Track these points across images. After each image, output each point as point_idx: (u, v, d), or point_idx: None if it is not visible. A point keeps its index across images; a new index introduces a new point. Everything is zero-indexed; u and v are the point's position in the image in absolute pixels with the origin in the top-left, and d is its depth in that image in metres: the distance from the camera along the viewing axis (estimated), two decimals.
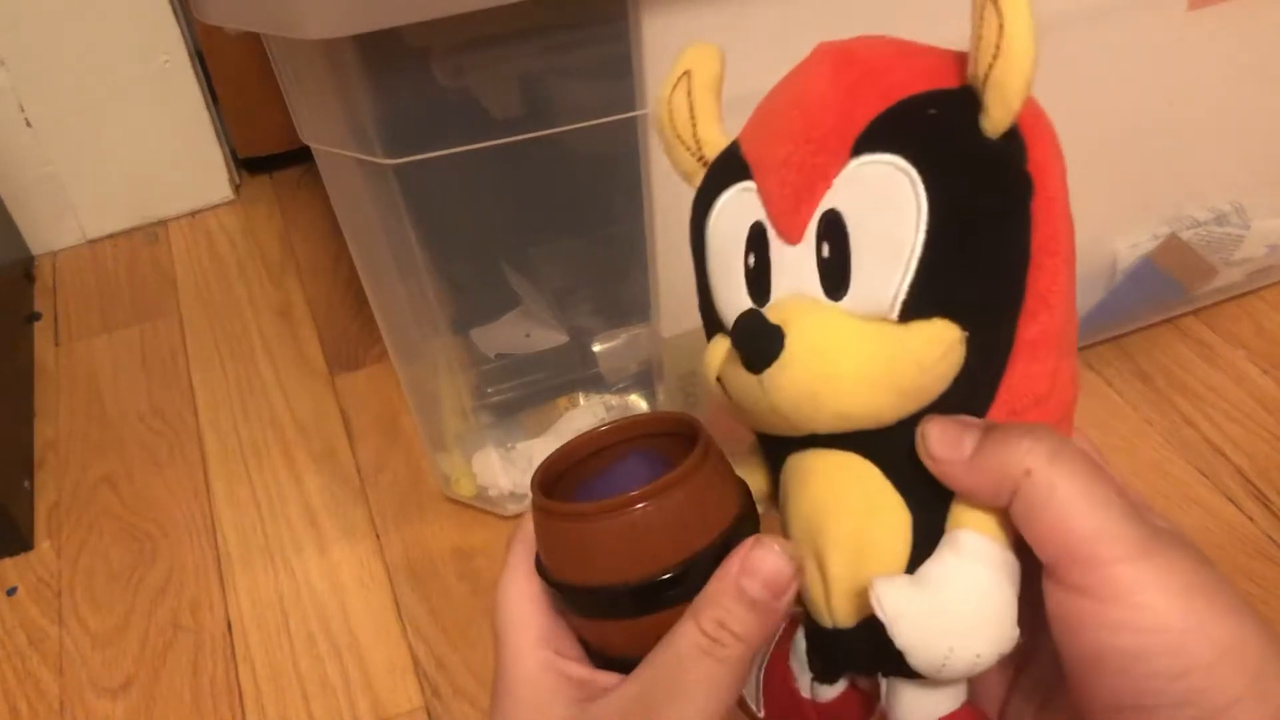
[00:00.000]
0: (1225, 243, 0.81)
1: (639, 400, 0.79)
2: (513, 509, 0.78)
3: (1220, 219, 0.79)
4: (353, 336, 0.99)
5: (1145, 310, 0.86)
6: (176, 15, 1.07)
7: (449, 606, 0.74)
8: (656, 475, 0.29)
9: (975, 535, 0.26)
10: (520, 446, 0.78)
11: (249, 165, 1.23)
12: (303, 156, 1.19)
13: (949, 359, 0.25)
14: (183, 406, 0.93)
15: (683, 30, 0.54)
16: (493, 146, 0.57)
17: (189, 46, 1.10)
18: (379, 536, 0.80)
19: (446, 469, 0.79)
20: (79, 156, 1.11)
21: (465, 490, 0.79)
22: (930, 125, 0.25)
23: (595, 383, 0.79)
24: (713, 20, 0.54)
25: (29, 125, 1.07)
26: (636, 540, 0.28)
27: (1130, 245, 0.78)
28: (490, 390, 0.79)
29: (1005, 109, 0.25)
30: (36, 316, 1.06)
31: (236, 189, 1.21)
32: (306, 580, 0.77)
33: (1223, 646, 0.23)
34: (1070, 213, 0.27)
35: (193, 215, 1.18)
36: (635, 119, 0.58)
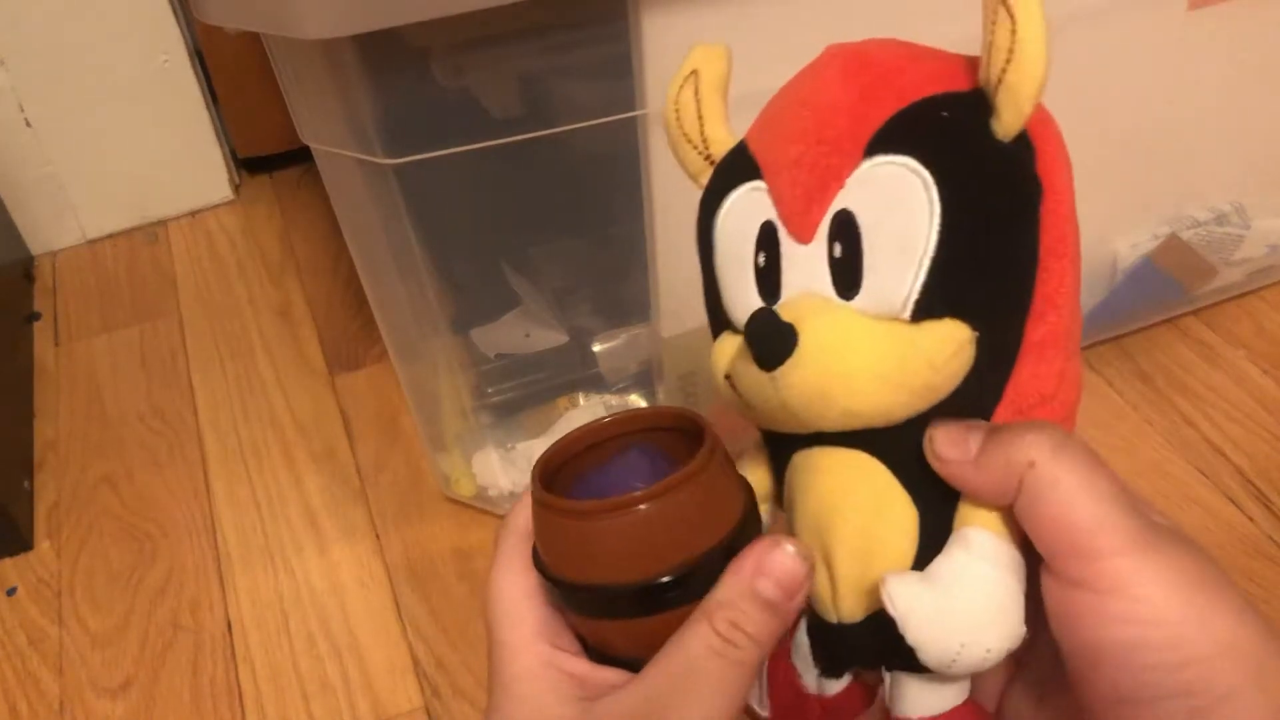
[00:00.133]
0: (1225, 243, 0.81)
1: (639, 400, 0.79)
2: None
3: (1220, 219, 0.79)
4: (353, 336, 0.99)
5: (1145, 310, 0.86)
6: (176, 15, 1.07)
7: (449, 606, 0.74)
8: (658, 471, 0.29)
9: (984, 533, 0.26)
10: (520, 446, 0.77)
11: (249, 165, 1.23)
12: (303, 156, 1.19)
13: (959, 358, 0.26)
14: (182, 406, 0.93)
15: (683, 30, 0.54)
16: (493, 146, 0.57)
17: (189, 46, 1.10)
18: (379, 536, 0.80)
19: (446, 469, 0.79)
20: (79, 156, 1.11)
21: (465, 490, 0.78)
22: (943, 128, 0.26)
23: (595, 383, 0.79)
24: (713, 20, 0.54)
25: (29, 125, 1.07)
26: (639, 540, 0.27)
27: (1130, 245, 0.78)
28: (490, 390, 0.79)
29: (1017, 112, 0.25)
30: (36, 316, 1.06)
31: (236, 189, 1.20)
32: (306, 580, 0.77)
33: (1222, 640, 0.23)
34: (1076, 215, 0.27)
35: (193, 215, 1.18)
36: (635, 119, 0.58)
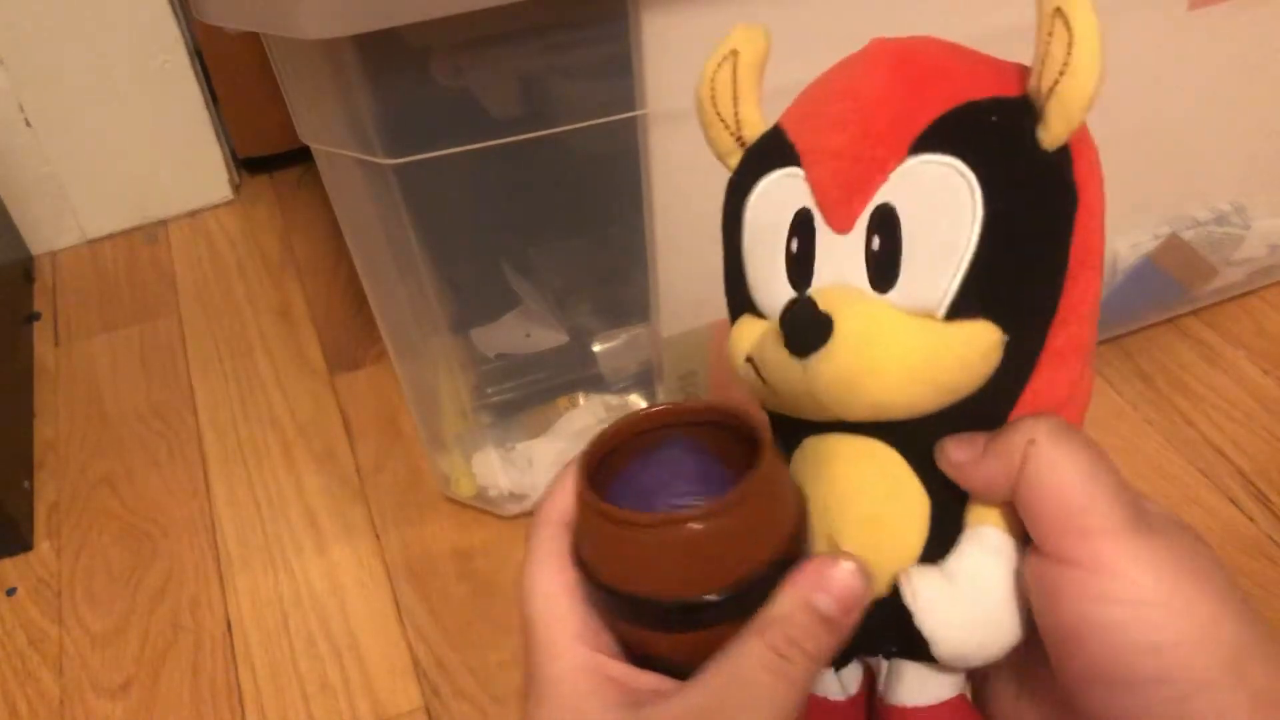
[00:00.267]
0: (1225, 243, 0.81)
1: (639, 400, 0.79)
2: (512, 509, 0.78)
3: (1220, 219, 0.79)
4: (353, 336, 0.99)
5: (1145, 310, 0.86)
6: (176, 15, 1.07)
7: (449, 606, 0.74)
8: (704, 471, 0.28)
9: (998, 532, 0.27)
10: (520, 447, 0.77)
11: (249, 165, 1.23)
12: (303, 156, 1.19)
13: (989, 359, 0.26)
14: (182, 406, 0.93)
15: (683, 30, 0.54)
16: (492, 146, 0.57)
17: (188, 46, 1.10)
18: (379, 536, 0.80)
19: (446, 469, 0.79)
20: (79, 156, 1.11)
21: (465, 490, 0.78)
22: (991, 132, 0.26)
23: (595, 383, 0.79)
24: (713, 20, 0.54)
25: (29, 125, 1.07)
26: (695, 557, 0.26)
27: (1131, 245, 0.78)
28: (490, 390, 0.79)
29: (1067, 123, 0.25)
30: (36, 316, 1.06)
31: (236, 189, 1.20)
32: (306, 580, 0.77)
33: (1202, 626, 0.23)
34: (1104, 225, 0.27)
35: (192, 215, 1.18)
36: (635, 119, 0.58)
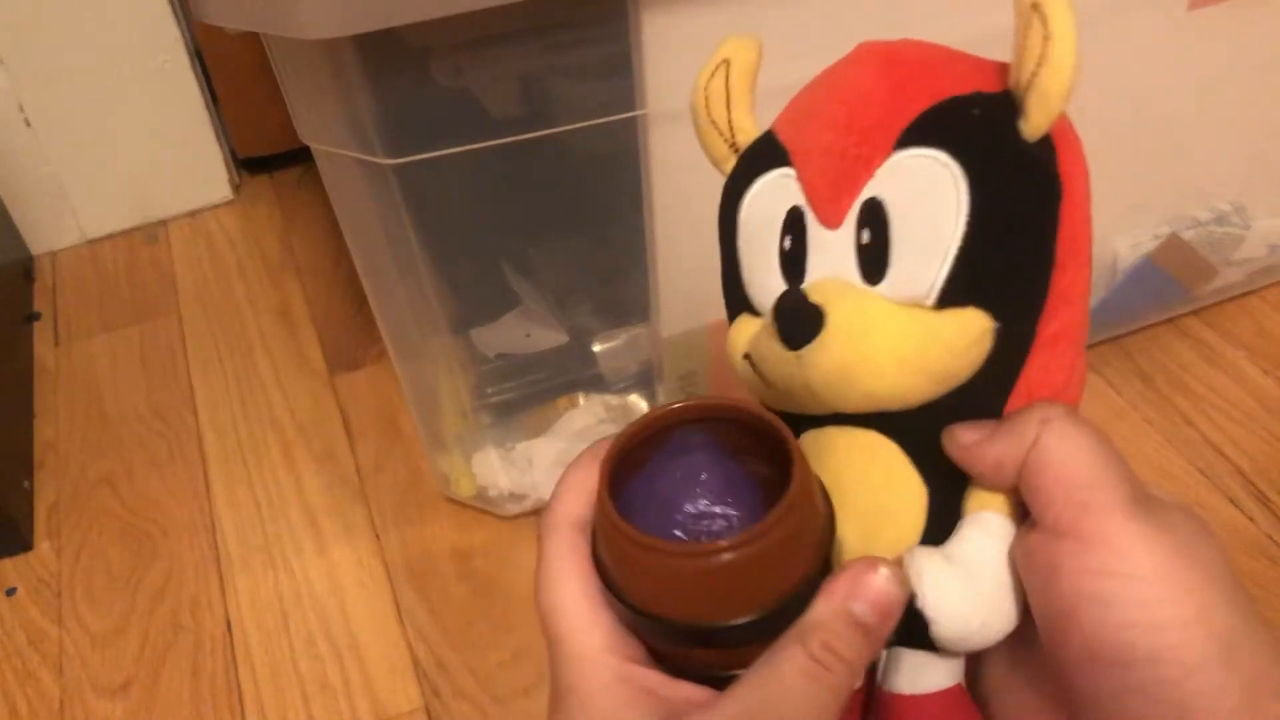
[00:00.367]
0: (1225, 243, 0.81)
1: (639, 400, 0.79)
2: (512, 509, 0.78)
3: (1220, 219, 0.79)
4: (353, 336, 0.99)
5: (1145, 310, 0.86)
6: (176, 15, 1.07)
7: (449, 606, 0.74)
8: (725, 473, 0.28)
9: (999, 517, 0.27)
10: (520, 447, 0.77)
11: (249, 165, 1.23)
12: (302, 156, 1.19)
13: (979, 346, 0.27)
14: (182, 406, 0.93)
15: (683, 30, 0.54)
16: (493, 146, 0.57)
17: (188, 46, 1.10)
18: (379, 537, 0.80)
19: (446, 469, 0.79)
20: (79, 156, 1.11)
21: (465, 490, 0.78)
22: (974, 124, 0.27)
23: (595, 383, 0.79)
24: (713, 20, 0.54)
25: (29, 125, 1.07)
26: (727, 585, 0.26)
27: (1130, 245, 0.78)
28: (490, 390, 0.79)
29: (1047, 114, 0.26)
30: (36, 316, 1.06)
31: (236, 189, 1.20)
32: (306, 580, 0.77)
33: (1197, 609, 0.24)
34: (1091, 217, 0.28)
35: (192, 215, 1.18)
36: (635, 119, 0.58)
